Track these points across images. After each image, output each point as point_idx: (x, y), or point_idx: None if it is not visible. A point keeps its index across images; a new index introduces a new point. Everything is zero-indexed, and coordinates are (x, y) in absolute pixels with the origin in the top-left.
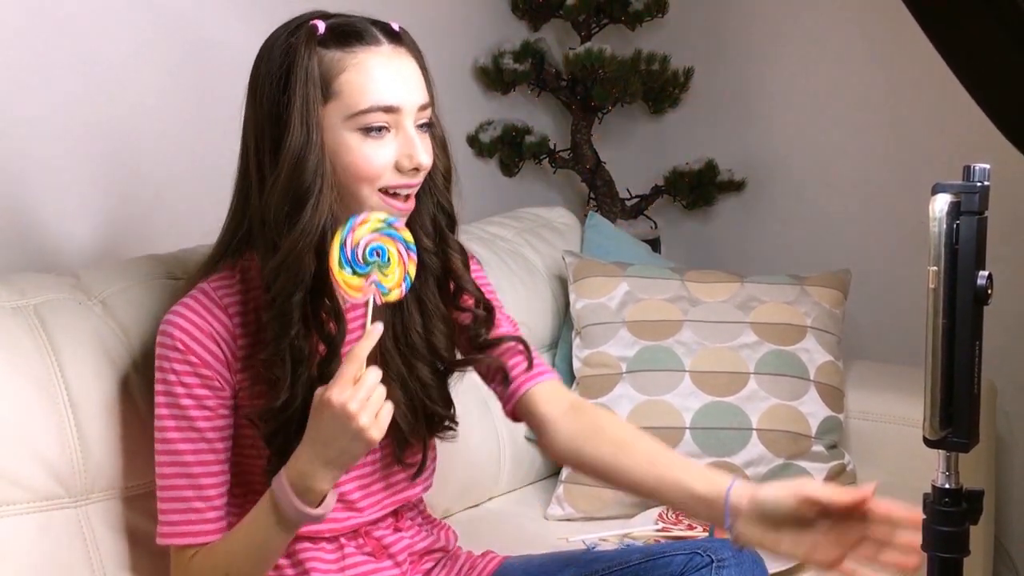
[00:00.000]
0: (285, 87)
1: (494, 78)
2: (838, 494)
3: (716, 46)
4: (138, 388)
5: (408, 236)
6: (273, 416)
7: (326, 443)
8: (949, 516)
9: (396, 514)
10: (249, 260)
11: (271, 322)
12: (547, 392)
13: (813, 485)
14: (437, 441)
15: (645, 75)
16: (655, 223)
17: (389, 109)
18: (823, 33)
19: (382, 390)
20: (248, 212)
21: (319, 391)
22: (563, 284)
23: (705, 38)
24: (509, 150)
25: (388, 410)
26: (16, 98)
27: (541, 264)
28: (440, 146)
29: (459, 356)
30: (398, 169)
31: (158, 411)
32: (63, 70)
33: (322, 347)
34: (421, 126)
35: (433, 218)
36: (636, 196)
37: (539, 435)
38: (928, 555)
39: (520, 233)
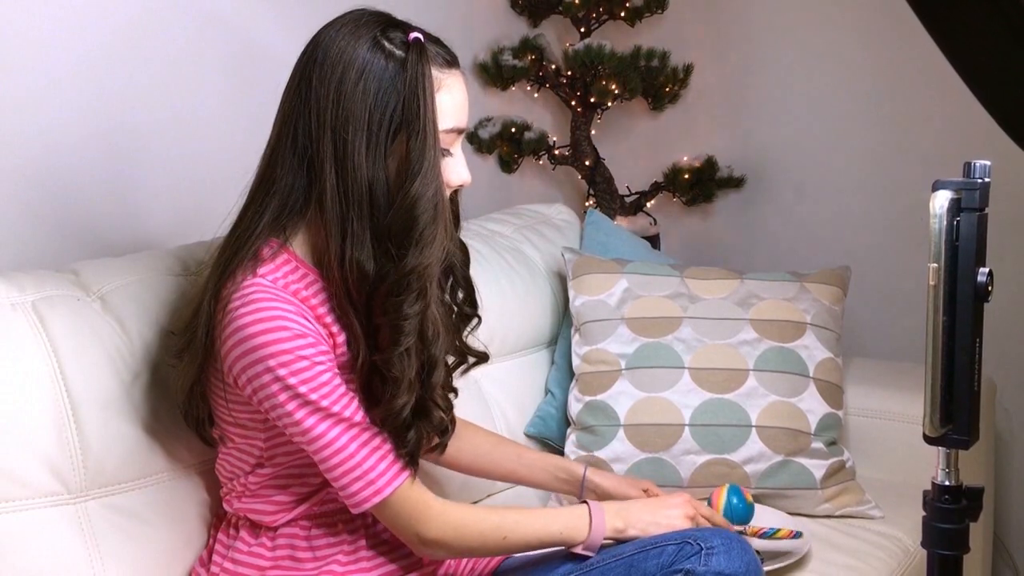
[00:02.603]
0: (404, 94)
1: (493, 74)
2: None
3: (716, 42)
4: (136, 384)
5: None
6: (394, 416)
7: (656, 512)
8: (949, 513)
9: None
10: (290, 242)
11: (386, 329)
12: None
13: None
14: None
15: (644, 71)
16: (654, 220)
17: (460, 131)
18: (823, 29)
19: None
20: (314, 192)
21: (689, 499)
22: (562, 281)
23: (705, 34)
24: (508, 146)
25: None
26: (17, 94)
27: (540, 261)
28: None
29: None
30: (448, 186)
31: (302, 400)
32: (60, 64)
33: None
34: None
35: None
36: (635, 193)
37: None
38: (928, 552)
39: (519, 230)
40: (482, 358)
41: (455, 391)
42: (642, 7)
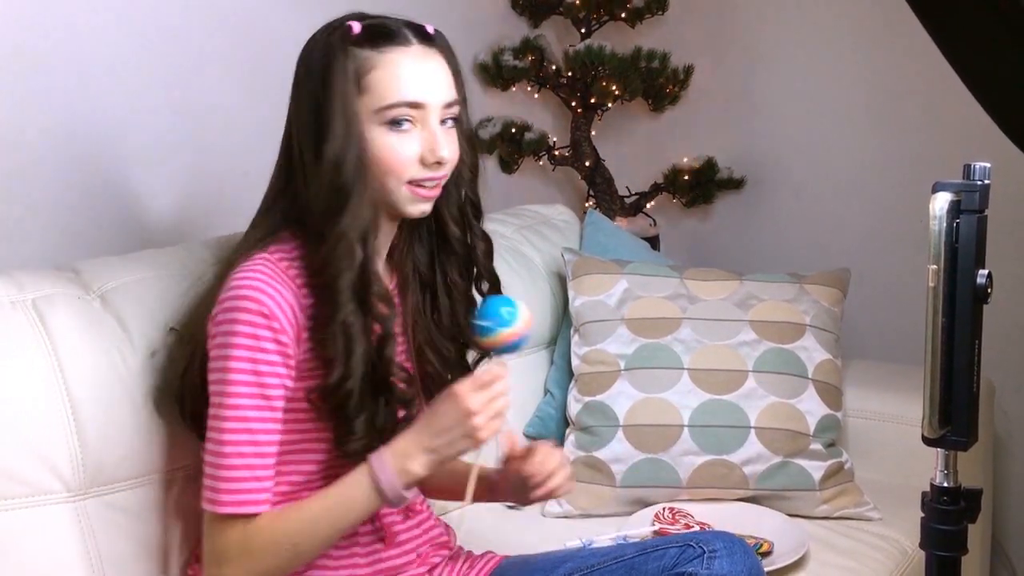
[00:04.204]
0: (324, 85)
1: (494, 75)
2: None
3: (716, 44)
4: (136, 382)
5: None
6: (331, 393)
7: (437, 431)
8: (947, 515)
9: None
10: (299, 234)
11: (323, 305)
12: None
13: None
14: None
15: (645, 72)
16: (654, 221)
17: (414, 105)
18: (823, 31)
19: (505, 401)
20: (290, 189)
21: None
22: (562, 281)
23: (705, 36)
24: (509, 147)
25: (502, 423)
26: (17, 91)
27: (540, 261)
28: (467, 142)
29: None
30: (422, 163)
31: (231, 376)
32: (64, 62)
33: (377, 327)
34: (446, 122)
35: (460, 208)
36: (635, 194)
37: None
38: (926, 553)
39: (519, 230)
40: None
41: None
42: (643, 8)
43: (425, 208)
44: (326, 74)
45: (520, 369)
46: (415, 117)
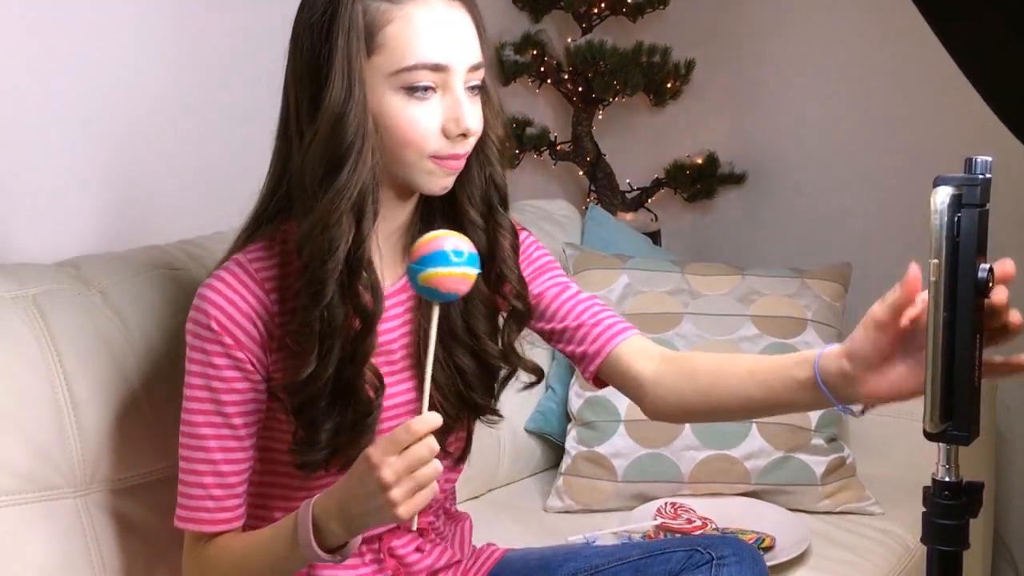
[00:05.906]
0: (327, 37)
1: (495, 70)
2: (887, 305)
3: (718, 38)
4: (137, 378)
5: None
6: (299, 389)
7: (353, 499)
8: (949, 509)
9: (420, 531)
10: (289, 227)
11: (303, 290)
12: (635, 349)
13: (874, 308)
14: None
15: (646, 67)
16: (656, 216)
17: (436, 68)
18: (825, 25)
19: (431, 471)
20: (287, 174)
21: (370, 447)
22: None
23: (706, 30)
24: (509, 142)
25: (427, 493)
26: (17, 88)
27: None
28: (494, 114)
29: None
30: (445, 135)
31: (186, 391)
32: (63, 59)
33: (357, 321)
34: (472, 88)
35: (483, 191)
36: (637, 188)
37: (638, 397)
38: (928, 548)
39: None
40: (536, 373)
41: (499, 415)
42: (644, 3)
43: (447, 183)
44: (330, 24)
45: None
46: (436, 81)
